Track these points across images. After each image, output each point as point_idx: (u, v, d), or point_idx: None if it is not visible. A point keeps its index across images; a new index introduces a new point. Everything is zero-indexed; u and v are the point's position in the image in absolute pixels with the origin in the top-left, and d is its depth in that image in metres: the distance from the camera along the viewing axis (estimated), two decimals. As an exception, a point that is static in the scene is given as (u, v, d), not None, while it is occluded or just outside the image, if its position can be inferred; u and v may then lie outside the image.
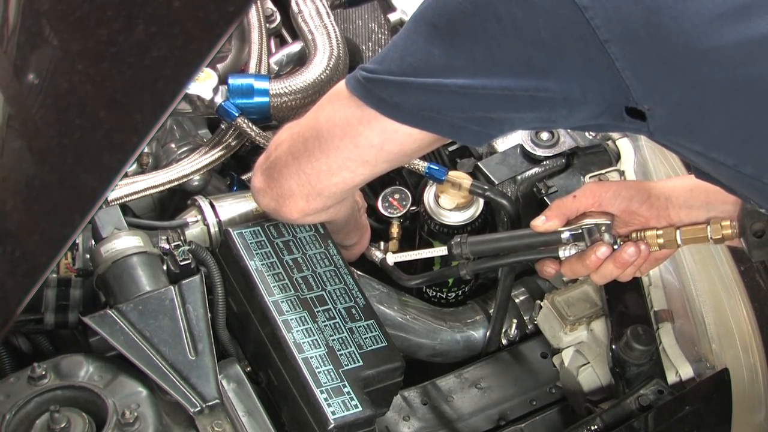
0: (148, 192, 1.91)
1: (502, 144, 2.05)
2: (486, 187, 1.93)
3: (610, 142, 2.03)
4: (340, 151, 1.54)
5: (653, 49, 1.32)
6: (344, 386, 1.57)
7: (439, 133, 1.49)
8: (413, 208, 2.04)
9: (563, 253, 1.62)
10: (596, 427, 1.70)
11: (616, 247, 1.60)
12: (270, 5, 2.20)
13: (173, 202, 2.04)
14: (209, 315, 1.61)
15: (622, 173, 1.96)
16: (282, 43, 2.24)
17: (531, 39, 1.35)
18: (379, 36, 2.27)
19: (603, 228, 1.60)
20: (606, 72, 1.33)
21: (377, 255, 1.99)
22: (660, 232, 1.59)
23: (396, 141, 1.51)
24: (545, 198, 1.96)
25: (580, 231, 1.61)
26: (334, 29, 2.10)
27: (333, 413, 1.54)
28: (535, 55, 1.36)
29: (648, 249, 1.59)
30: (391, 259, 1.81)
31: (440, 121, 1.45)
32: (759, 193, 1.43)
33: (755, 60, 1.31)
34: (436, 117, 1.45)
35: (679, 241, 1.59)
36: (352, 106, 1.50)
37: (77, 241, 1.75)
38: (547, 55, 1.35)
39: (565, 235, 1.61)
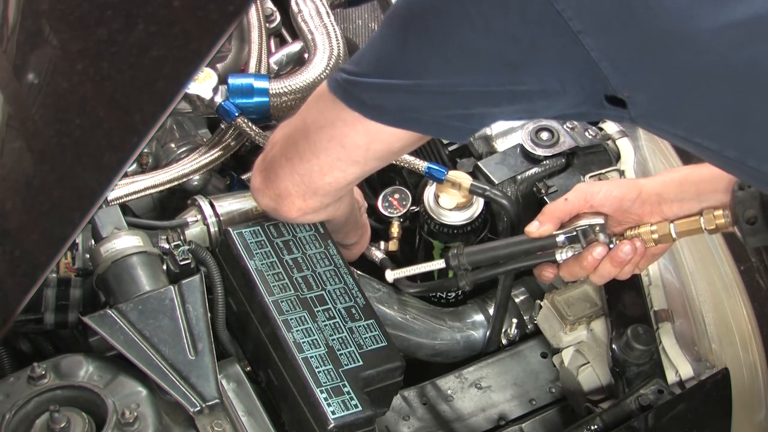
0: (148, 192, 1.91)
1: (502, 144, 2.05)
2: (486, 187, 1.93)
3: (610, 142, 2.03)
4: (329, 152, 1.55)
5: (628, 37, 1.31)
6: (344, 386, 1.57)
7: (423, 131, 1.50)
8: (413, 208, 2.04)
9: (560, 256, 1.62)
10: (596, 427, 1.70)
11: (611, 245, 1.60)
12: (270, 5, 2.20)
13: (173, 202, 2.04)
14: (209, 315, 1.61)
15: (622, 173, 1.96)
16: (282, 43, 2.24)
17: (503, 35, 1.35)
18: (379, 36, 2.26)
19: (597, 228, 1.61)
20: (582, 63, 1.33)
21: (377, 255, 1.99)
22: (654, 227, 1.59)
23: (382, 140, 1.51)
24: (545, 198, 1.96)
25: (574, 233, 1.61)
26: (334, 29, 2.10)
27: (333, 413, 1.54)
28: (509, 51, 1.36)
29: (644, 245, 1.60)
30: (390, 276, 1.80)
31: (422, 120, 1.46)
32: (744, 176, 1.43)
33: (734, 46, 1.30)
34: (418, 117, 1.46)
35: (673, 235, 1.59)
36: (335, 108, 1.51)
37: (77, 241, 1.75)
38: (521, 49, 1.35)
39: (560, 238, 1.62)
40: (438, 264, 1.74)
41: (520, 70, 1.37)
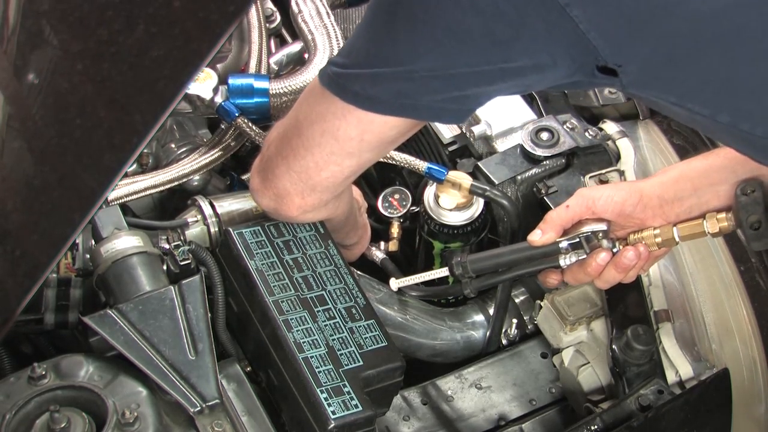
0: (148, 192, 1.91)
1: (502, 144, 2.05)
2: (486, 187, 1.93)
3: (609, 143, 2.03)
4: (323, 147, 1.55)
5: (616, 7, 1.32)
6: (344, 386, 1.57)
7: (419, 118, 1.50)
8: (413, 208, 2.04)
9: (564, 261, 1.62)
10: (596, 427, 1.70)
11: (615, 250, 1.60)
12: (270, 5, 2.20)
13: (173, 202, 2.04)
14: (209, 315, 1.61)
15: (622, 173, 1.96)
16: (282, 43, 2.24)
17: (490, 12, 1.35)
18: (379, 36, 2.26)
19: (600, 234, 1.60)
20: (571, 35, 1.33)
21: (377, 255, 1.99)
22: (657, 231, 1.59)
23: (374, 131, 1.51)
24: (545, 198, 1.96)
25: (577, 240, 1.61)
26: (334, 29, 2.10)
27: (333, 413, 1.54)
28: (496, 28, 1.36)
29: (647, 250, 1.59)
30: (395, 285, 1.80)
31: (418, 106, 1.46)
32: (737, 141, 1.43)
33: (722, 12, 1.30)
34: (413, 103, 1.46)
35: (677, 239, 1.59)
36: (326, 101, 1.51)
37: (77, 241, 1.75)
38: (509, 26, 1.35)
39: (564, 244, 1.61)
40: (442, 272, 1.74)
41: (509, 46, 1.37)
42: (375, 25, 1.46)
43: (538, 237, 1.62)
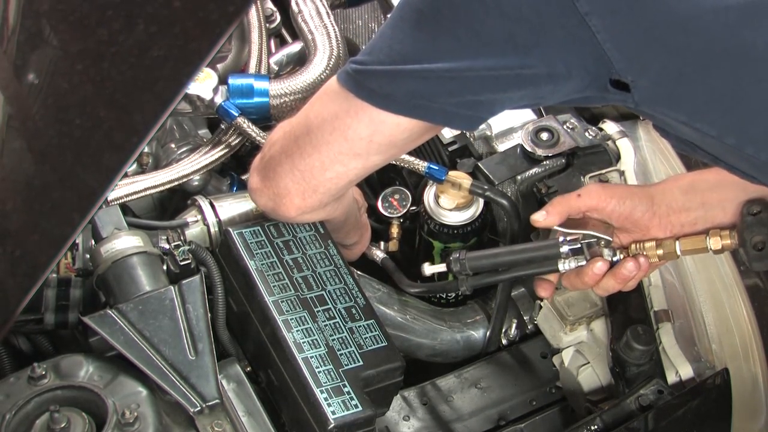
0: (148, 192, 1.91)
1: (502, 144, 2.05)
2: (486, 187, 1.93)
3: (610, 142, 2.03)
4: (331, 145, 1.55)
5: (633, 19, 1.33)
6: (344, 386, 1.58)
7: (432, 120, 1.49)
8: (413, 208, 2.04)
9: (563, 266, 1.62)
10: (596, 427, 1.70)
11: (615, 258, 1.60)
12: (270, 5, 2.20)
13: (173, 202, 2.04)
14: (209, 315, 1.61)
15: (622, 173, 1.96)
16: (282, 43, 2.24)
17: (513, 16, 1.36)
18: (379, 36, 2.26)
19: (602, 243, 1.60)
20: (588, 45, 1.34)
21: (378, 255, 1.99)
22: (659, 243, 1.59)
23: (385, 132, 1.51)
24: (545, 198, 1.96)
25: (579, 246, 1.61)
26: (334, 29, 2.10)
27: (333, 413, 1.54)
28: (518, 32, 1.37)
29: (647, 261, 1.60)
30: (428, 270, 1.78)
31: (431, 108, 1.46)
32: (744, 163, 1.43)
33: (733, 29, 1.31)
34: (427, 104, 1.46)
35: (678, 252, 1.59)
36: (340, 99, 1.51)
37: (77, 241, 1.75)
38: (529, 31, 1.36)
39: (564, 249, 1.61)
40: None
41: (528, 52, 1.38)
42: (401, 23, 1.46)
43: (542, 218, 1.62)
